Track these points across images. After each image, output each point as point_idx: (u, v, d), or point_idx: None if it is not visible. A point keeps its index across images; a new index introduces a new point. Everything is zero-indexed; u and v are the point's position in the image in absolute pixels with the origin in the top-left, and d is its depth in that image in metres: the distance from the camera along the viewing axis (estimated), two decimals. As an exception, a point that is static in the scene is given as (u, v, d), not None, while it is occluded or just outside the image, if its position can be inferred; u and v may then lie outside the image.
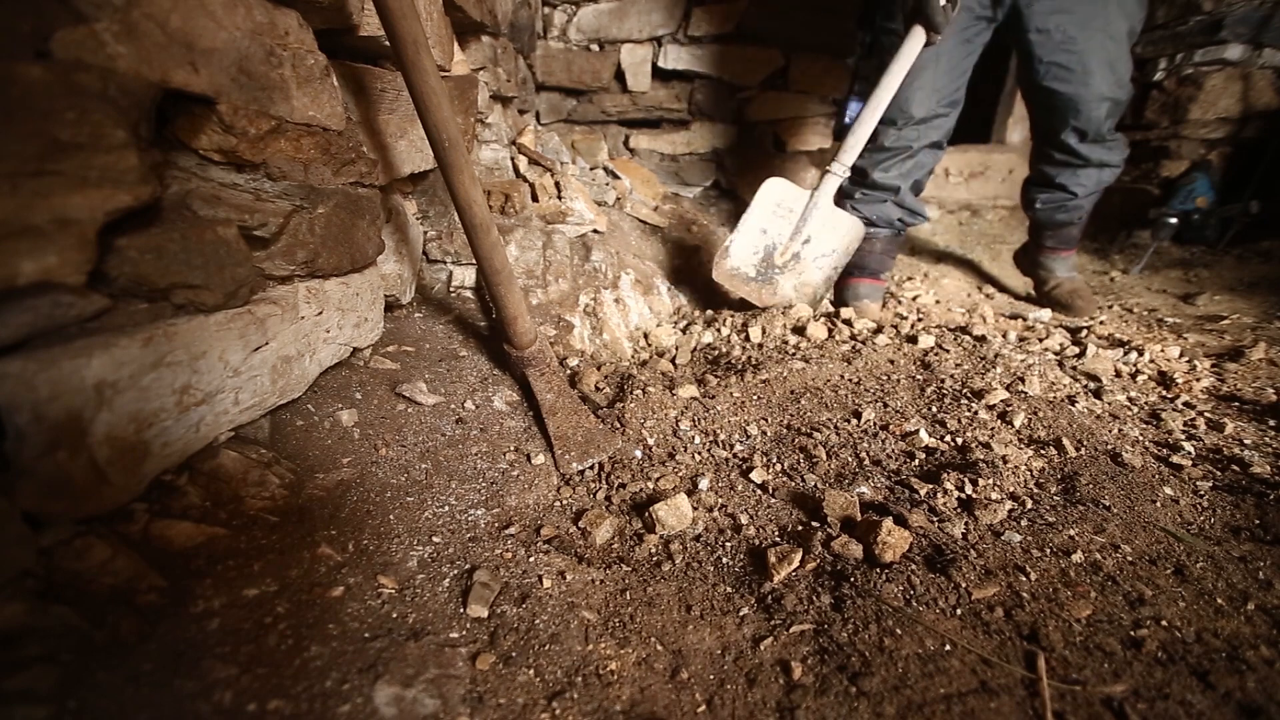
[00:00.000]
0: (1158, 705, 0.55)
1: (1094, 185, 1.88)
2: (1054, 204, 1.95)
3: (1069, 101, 1.70)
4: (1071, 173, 1.87)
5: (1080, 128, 1.75)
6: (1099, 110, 1.70)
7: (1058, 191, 1.92)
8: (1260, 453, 1.00)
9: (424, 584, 0.70)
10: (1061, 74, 1.67)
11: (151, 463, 0.65)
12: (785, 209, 1.79)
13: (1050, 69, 1.68)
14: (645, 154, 2.94)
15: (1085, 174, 1.86)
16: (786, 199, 1.79)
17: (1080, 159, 1.83)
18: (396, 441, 0.95)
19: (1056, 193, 1.93)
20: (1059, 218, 1.98)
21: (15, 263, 0.51)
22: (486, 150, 1.81)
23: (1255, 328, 1.72)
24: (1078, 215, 1.97)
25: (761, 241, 1.79)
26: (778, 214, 1.79)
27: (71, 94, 0.53)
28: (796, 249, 1.79)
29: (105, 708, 0.47)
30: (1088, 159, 1.82)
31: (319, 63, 0.89)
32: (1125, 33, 1.65)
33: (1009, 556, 0.76)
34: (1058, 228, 2.02)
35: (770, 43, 2.66)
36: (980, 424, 1.10)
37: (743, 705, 0.58)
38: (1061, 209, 1.95)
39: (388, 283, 1.22)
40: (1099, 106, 1.69)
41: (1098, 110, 1.70)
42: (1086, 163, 1.83)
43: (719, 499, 0.93)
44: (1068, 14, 1.61)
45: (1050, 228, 2.03)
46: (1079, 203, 1.92)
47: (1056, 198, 1.93)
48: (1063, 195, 1.92)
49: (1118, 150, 1.83)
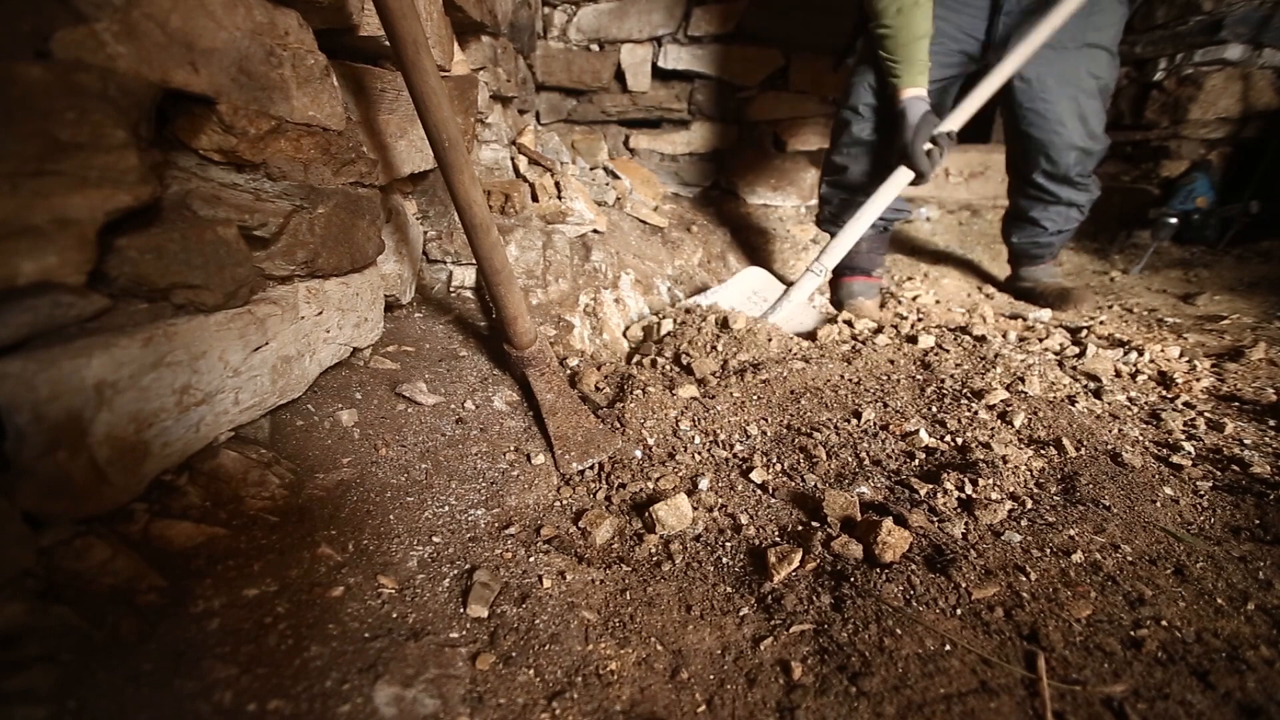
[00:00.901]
0: (1158, 705, 0.55)
1: (1063, 223, 2.01)
2: (1028, 239, 2.11)
3: (1041, 146, 1.83)
4: (1043, 208, 1.99)
5: (1049, 170, 1.88)
6: (1068, 157, 1.83)
7: (1031, 226, 2.06)
8: (1260, 453, 1.00)
9: (424, 584, 0.70)
10: (1038, 120, 1.80)
11: (151, 463, 0.65)
12: (760, 298, 1.85)
13: (1027, 115, 1.81)
14: (645, 154, 2.94)
15: (1055, 210, 1.98)
16: (762, 289, 1.87)
17: (1051, 196, 1.94)
18: (396, 441, 0.95)
19: (1030, 227, 2.07)
20: (1034, 251, 2.14)
21: (15, 263, 0.51)
22: (486, 150, 1.81)
23: (1255, 328, 1.72)
24: (1049, 251, 2.13)
25: None
26: (751, 300, 1.83)
27: (71, 94, 0.53)
28: None
29: (105, 708, 0.47)
30: (1058, 196, 1.93)
31: (319, 63, 0.89)
32: (1097, 89, 1.77)
33: (1009, 556, 0.76)
34: (1033, 259, 2.17)
35: (770, 43, 2.66)
36: (980, 424, 1.10)
37: (743, 705, 0.58)
38: (1035, 244, 2.10)
39: (388, 283, 1.22)
40: (1068, 154, 1.82)
41: (1067, 157, 1.83)
42: (1057, 200, 1.95)
43: (719, 499, 0.93)
44: (1047, 66, 1.72)
45: (1026, 258, 2.18)
46: (1049, 239, 2.07)
47: (1030, 232, 2.08)
48: (1035, 230, 2.06)
49: (1085, 193, 1.95)
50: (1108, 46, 1.75)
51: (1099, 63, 1.75)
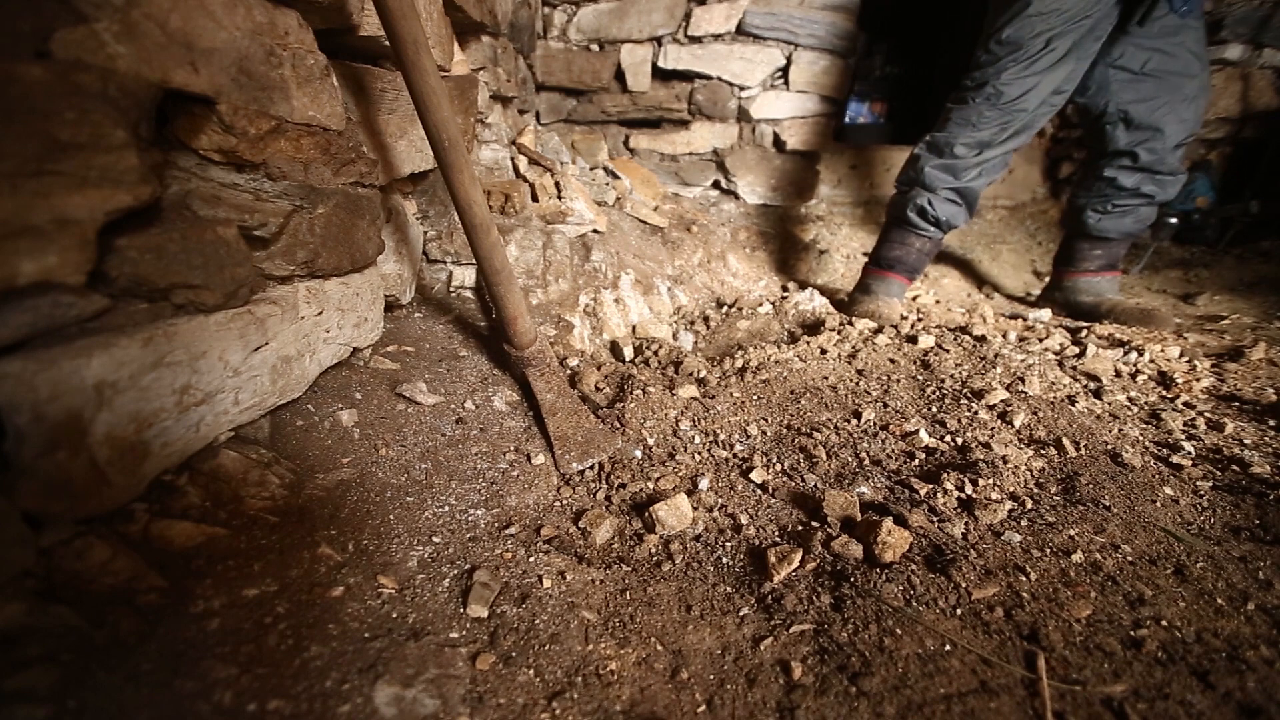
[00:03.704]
0: (1158, 705, 0.55)
1: (1174, 194, 1.80)
2: (1125, 210, 1.82)
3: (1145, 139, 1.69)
4: (1153, 180, 1.78)
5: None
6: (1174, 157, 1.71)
7: (1133, 197, 1.79)
8: (1260, 453, 1.00)
9: (424, 584, 0.70)
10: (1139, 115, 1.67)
11: (151, 463, 0.65)
12: None
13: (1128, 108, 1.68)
14: (645, 154, 2.94)
15: (1167, 181, 1.78)
16: None
17: (1166, 170, 1.77)
18: (396, 441, 0.95)
19: (1131, 199, 1.80)
20: (1126, 226, 1.85)
21: (15, 263, 0.51)
22: (486, 150, 1.81)
23: (1255, 328, 1.72)
24: (1147, 226, 1.87)
25: None
26: None
27: (71, 94, 0.53)
28: None
29: (105, 708, 0.47)
30: (1175, 170, 1.77)
31: (319, 63, 0.89)
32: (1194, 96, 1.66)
33: (1009, 556, 0.76)
34: (1115, 242, 1.89)
35: (770, 43, 2.66)
36: (980, 424, 1.10)
37: (743, 705, 0.58)
38: (1133, 216, 1.83)
39: (388, 283, 1.22)
40: (1173, 155, 1.71)
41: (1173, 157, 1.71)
42: (1175, 172, 1.77)
43: (719, 499, 0.93)
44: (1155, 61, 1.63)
45: (1105, 242, 1.90)
46: (1150, 212, 1.82)
47: (1131, 204, 1.81)
48: (1138, 201, 1.80)
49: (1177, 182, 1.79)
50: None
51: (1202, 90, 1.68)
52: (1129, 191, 1.81)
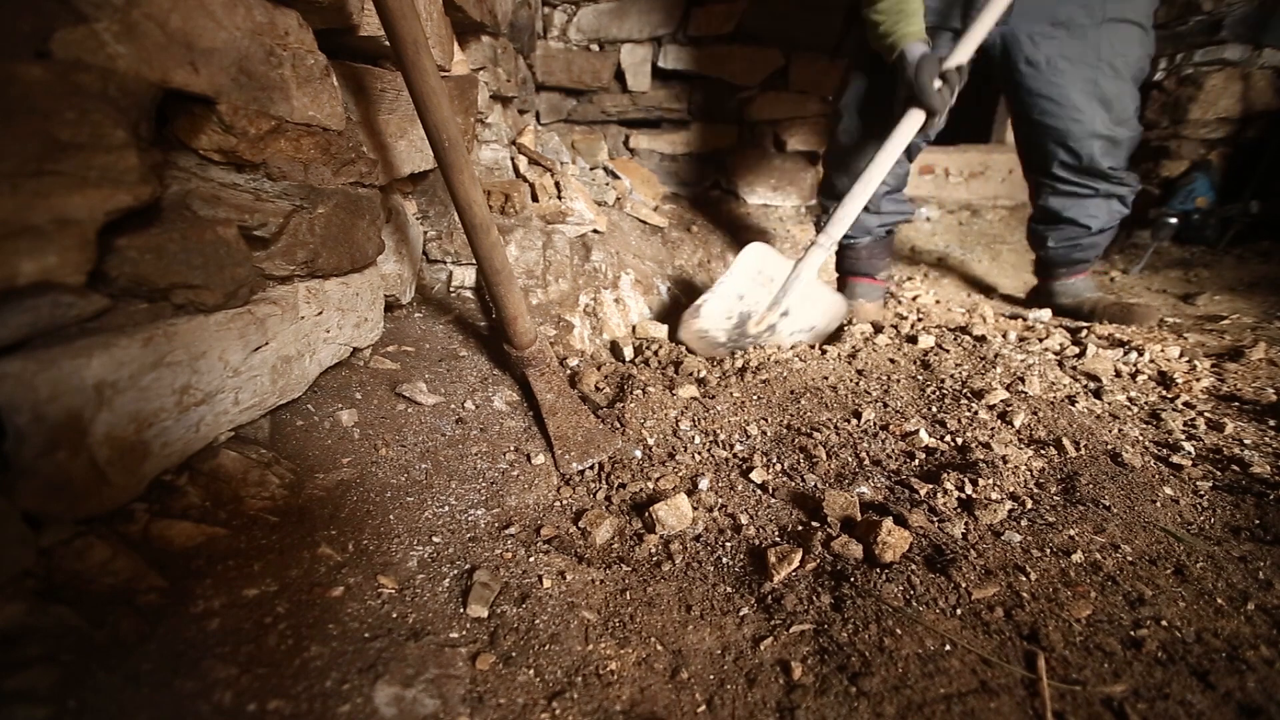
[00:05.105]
0: (1158, 705, 0.55)
1: (1107, 217, 1.78)
2: (1067, 242, 1.85)
3: (1059, 135, 1.66)
4: (1079, 203, 1.77)
5: (1070, 163, 1.70)
6: (1091, 146, 1.65)
7: (1069, 226, 1.82)
8: (1260, 453, 1.00)
9: (424, 584, 0.70)
10: (1051, 108, 1.63)
11: (151, 463, 0.65)
12: (766, 277, 1.65)
13: (1039, 102, 1.64)
14: (645, 154, 2.94)
15: (1094, 204, 1.76)
16: (768, 267, 1.66)
17: (1084, 188, 1.75)
18: (396, 441, 0.95)
19: (1068, 228, 1.82)
20: (1075, 256, 1.88)
21: (15, 263, 0.51)
22: (486, 150, 1.81)
23: (1255, 328, 1.72)
24: (1093, 253, 1.88)
25: (737, 307, 1.62)
26: (758, 281, 1.65)
27: (71, 94, 0.53)
28: (773, 320, 1.65)
29: (105, 708, 0.47)
30: (1093, 189, 1.74)
31: (319, 63, 0.89)
32: (1124, 68, 1.58)
33: (1009, 556, 0.76)
34: (1073, 266, 1.92)
35: (770, 43, 2.66)
36: (980, 424, 1.10)
37: (743, 705, 0.58)
38: (1076, 247, 1.85)
39: (388, 283, 1.22)
40: (1091, 143, 1.64)
41: (1090, 146, 1.65)
42: (1093, 192, 1.75)
43: (719, 499, 0.93)
44: (1058, 47, 1.56)
45: (1064, 266, 1.93)
46: (1093, 239, 1.82)
47: (1068, 234, 1.83)
48: (1075, 230, 1.82)
49: (1123, 185, 1.75)
50: (1136, 20, 1.55)
51: (1124, 38, 1.55)
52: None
